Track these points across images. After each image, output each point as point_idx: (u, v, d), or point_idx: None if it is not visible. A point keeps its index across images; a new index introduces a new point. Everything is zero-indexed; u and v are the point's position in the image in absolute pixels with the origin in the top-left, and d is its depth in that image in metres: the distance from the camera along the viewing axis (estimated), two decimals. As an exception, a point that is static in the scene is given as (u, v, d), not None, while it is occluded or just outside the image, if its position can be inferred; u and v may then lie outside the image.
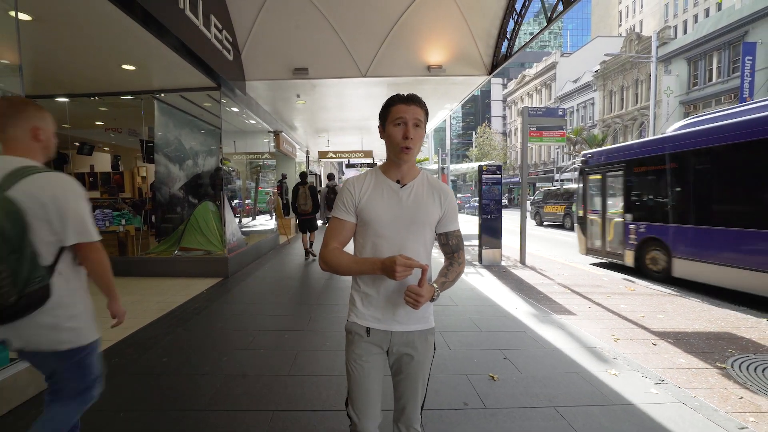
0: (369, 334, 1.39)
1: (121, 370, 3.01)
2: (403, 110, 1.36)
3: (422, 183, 1.44)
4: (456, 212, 1.47)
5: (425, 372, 1.45)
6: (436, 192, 1.43)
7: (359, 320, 1.42)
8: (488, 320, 4.33)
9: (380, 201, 1.39)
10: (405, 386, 1.44)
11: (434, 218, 1.42)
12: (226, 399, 2.60)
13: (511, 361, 3.24)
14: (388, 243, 1.36)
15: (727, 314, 4.69)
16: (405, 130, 1.35)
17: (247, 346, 3.52)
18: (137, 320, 4.20)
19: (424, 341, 1.43)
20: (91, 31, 4.32)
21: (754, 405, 2.61)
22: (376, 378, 1.42)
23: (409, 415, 1.45)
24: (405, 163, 1.40)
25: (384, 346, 1.41)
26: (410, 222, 1.38)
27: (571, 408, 2.54)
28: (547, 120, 8.09)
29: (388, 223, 1.37)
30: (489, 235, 7.99)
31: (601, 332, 4.02)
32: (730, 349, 3.61)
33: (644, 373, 3.05)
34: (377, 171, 1.46)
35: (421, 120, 1.38)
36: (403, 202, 1.39)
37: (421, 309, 1.39)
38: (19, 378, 2.48)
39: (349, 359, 1.44)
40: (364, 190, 1.41)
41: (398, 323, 1.39)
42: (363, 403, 1.39)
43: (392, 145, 1.38)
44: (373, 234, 1.38)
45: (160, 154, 7.11)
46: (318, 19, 6.64)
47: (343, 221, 1.42)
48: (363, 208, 1.39)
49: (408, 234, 1.38)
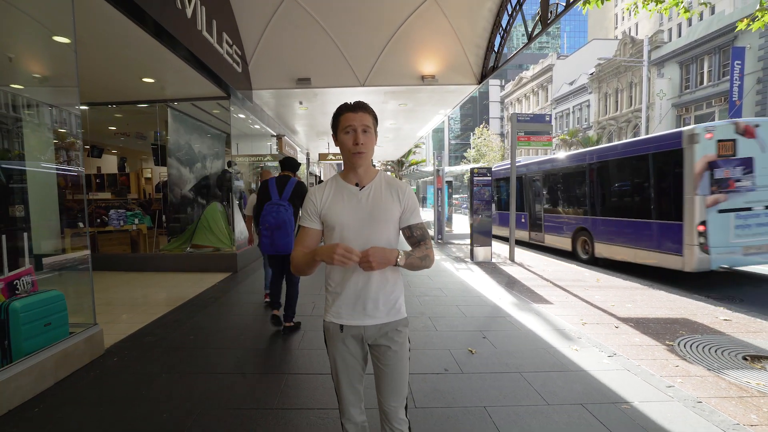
0: (343, 330, 1.48)
1: (156, 345, 3.54)
2: (351, 118, 1.43)
3: (380, 183, 1.52)
4: (416, 206, 1.55)
5: (403, 363, 1.51)
6: (394, 190, 1.51)
7: (333, 318, 1.49)
8: (473, 308, 4.86)
9: (341, 205, 1.47)
10: (387, 379, 1.50)
11: (395, 215, 1.50)
12: (247, 366, 3.13)
13: (489, 340, 3.77)
14: (353, 243, 1.42)
15: (688, 303, 5.21)
16: (355, 137, 1.43)
17: (260, 328, 4.05)
18: (160, 307, 4.73)
19: (397, 333, 1.49)
20: (119, 50, 4.85)
21: (685, 371, 3.14)
22: (356, 371, 1.51)
23: (394, 410, 1.50)
24: (360, 167, 1.48)
25: (359, 340, 1.49)
26: (371, 221, 1.46)
27: (533, 373, 3.07)
28: (535, 126, 8.63)
29: (350, 225, 1.45)
30: (480, 234, 8.52)
31: (572, 318, 4.54)
32: (682, 331, 4.13)
33: (601, 348, 3.58)
34: (337, 177, 1.55)
35: (370, 125, 1.45)
36: (363, 203, 1.47)
37: (392, 301, 1.49)
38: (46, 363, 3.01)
39: (329, 356, 1.54)
40: (326, 197, 1.50)
41: (369, 317, 1.46)
42: (347, 394, 1.51)
43: (345, 152, 1.47)
44: (338, 237, 1.46)
45: (173, 157, 7.64)
46: (320, 33, 7.18)
47: (308, 228, 1.52)
48: (326, 213, 1.48)
49: (371, 233, 1.45)
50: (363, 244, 1.40)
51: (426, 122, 12.12)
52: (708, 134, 6.23)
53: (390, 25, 7.19)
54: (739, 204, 6.29)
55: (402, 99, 8.83)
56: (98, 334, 3.25)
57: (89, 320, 3.25)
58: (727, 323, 4.37)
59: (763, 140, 6.29)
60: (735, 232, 6.26)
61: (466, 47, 7.46)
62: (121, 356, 3.28)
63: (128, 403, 2.57)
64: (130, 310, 4.69)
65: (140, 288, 5.78)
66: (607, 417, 2.44)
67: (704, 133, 6.23)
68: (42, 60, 3.87)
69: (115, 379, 2.89)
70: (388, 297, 1.48)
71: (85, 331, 3.12)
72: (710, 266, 6.23)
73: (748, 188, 6.26)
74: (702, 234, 6.18)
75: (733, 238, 6.27)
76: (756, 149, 6.29)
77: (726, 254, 6.26)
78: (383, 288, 1.47)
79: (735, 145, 6.25)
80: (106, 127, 9.17)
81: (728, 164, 6.22)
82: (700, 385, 2.90)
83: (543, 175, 10.44)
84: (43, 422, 2.35)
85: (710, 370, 3.15)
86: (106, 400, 2.59)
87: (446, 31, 7.17)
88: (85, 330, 3.12)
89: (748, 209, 6.31)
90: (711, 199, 6.21)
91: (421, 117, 11.15)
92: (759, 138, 6.28)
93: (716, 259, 6.21)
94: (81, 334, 3.04)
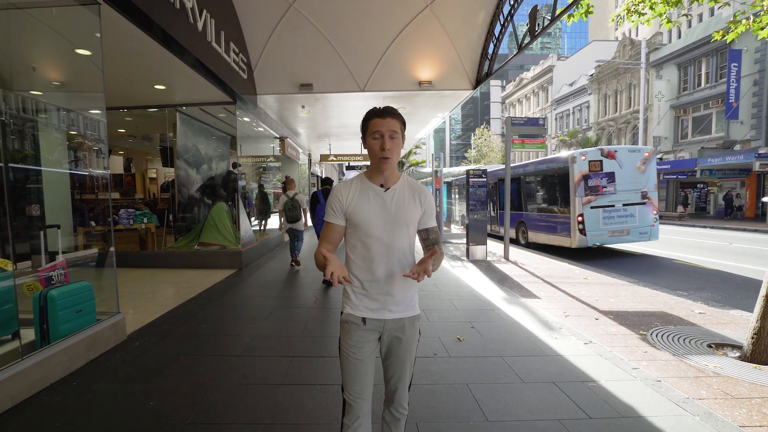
0: (365, 323, 1.54)
1: (172, 332, 3.89)
2: (378, 124, 1.48)
3: (404, 186, 1.59)
4: (434, 211, 1.64)
5: (412, 354, 1.62)
6: (417, 194, 1.58)
7: (355, 311, 1.55)
8: (465, 302, 5.19)
9: (367, 204, 1.53)
10: (395, 368, 1.59)
11: (416, 217, 1.58)
12: (256, 350, 3.48)
13: (477, 329, 4.10)
14: (376, 241, 1.50)
15: (669, 299, 5.52)
16: (382, 143, 1.48)
17: (266, 318, 4.39)
18: (172, 300, 5.08)
19: (412, 326, 1.60)
20: (135, 61, 5.20)
21: (652, 356, 3.46)
22: (370, 363, 1.57)
23: (400, 396, 1.63)
24: (386, 170, 1.54)
25: (378, 332, 1.57)
26: (395, 222, 1.52)
27: (514, 357, 3.40)
28: (529, 129, 8.95)
29: (375, 224, 1.51)
30: (476, 233, 8.84)
31: (556, 311, 4.87)
32: (657, 323, 4.44)
33: (579, 337, 3.90)
34: (362, 177, 1.60)
35: (397, 131, 1.50)
36: (388, 204, 1.53)
37: (409, 298, 1.59)
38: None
39: (344, 347, 1.57)
40: (351, 195, 1.55)
41: (390, 312, 1.55)
42: (359, 386, 1.55)
43: (373, 156, 1.53)
44: (363, 234, 1.53)
45: (181, 159, 7.99)
46: (321, 41, 7.53)
47: (333, 224, 1.58)
48: (351, 211, 1.54)
49: (393, 232, 1.52)
50: (386, 243, 1.52)
51: (424, 124, 12.46)
52: (583, 157, 9.18)
53: (388, 34, 7.53)
54: (605, 203, 9.17)
55: (400, 103, 9.18)
56: (121, 321, 3.60)
57: (113, 309, 3.60)
58: (701, 316, 4.68)
59: (620, 160, 9.22)
60: (603, 221, 9.15)
61: (462, 54, 7.80)
62: (142, 341, 3.63)
63: (153, 379, 2.92)
64: (144, 302, 5.04)
65: (152, 283, 6.13)
66: (574, 392, 2.77)
67: (580, 156, 9.19)
68: (68, 70, 4.23)
69: (139, 360, 3.24)
70: (407, 293, 1.58)
71: (109, 318, 3.46)
72: (587, 244, 9.12)
73: (611, 192, 9.19)
74: (581, 222, 9.08)
75: (602, 225, 9.16)
76: (616, 166, 9.21)
77: (597, 236, 9.14)
78: (403, 285, 1.56)
79: (602, 164, 9.16)
80: (116, 129, 9.54)
81: (597, 176, 9.18)
82: (663, 367, 3.23)
83: (498, 181, 12.83)
84: (82, 392, 2.71)
85: (675, 356, 3.47)
86: (133, 377, 2.95)
87: (442, 39, 7.51)
88: (109, 317, 3.47)
89: (612, 206, 9.20)
90: (586, 200, 9.10)
91: (419, 119, 11.50)
92: (618, 159, 9.23)
93: (591, 238, 9.10)
94: (106, 321, 3.39)
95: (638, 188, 9.33)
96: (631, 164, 9.28)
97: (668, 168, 22.54)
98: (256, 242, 8.54)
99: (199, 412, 2.47)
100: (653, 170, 9.47)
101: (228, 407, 2.54)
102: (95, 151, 3.84)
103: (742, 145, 21.01)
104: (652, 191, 9.43)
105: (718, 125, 22.86)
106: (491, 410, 2.54)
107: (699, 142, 23.19)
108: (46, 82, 4.50)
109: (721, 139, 22.14)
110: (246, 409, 2.52)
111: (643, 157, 9.37)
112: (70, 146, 4.19)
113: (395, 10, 7.17)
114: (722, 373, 3.11)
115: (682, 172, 22.07)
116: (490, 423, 2.41)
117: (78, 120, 4.30)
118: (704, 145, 22.64)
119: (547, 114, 39.95)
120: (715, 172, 20.70)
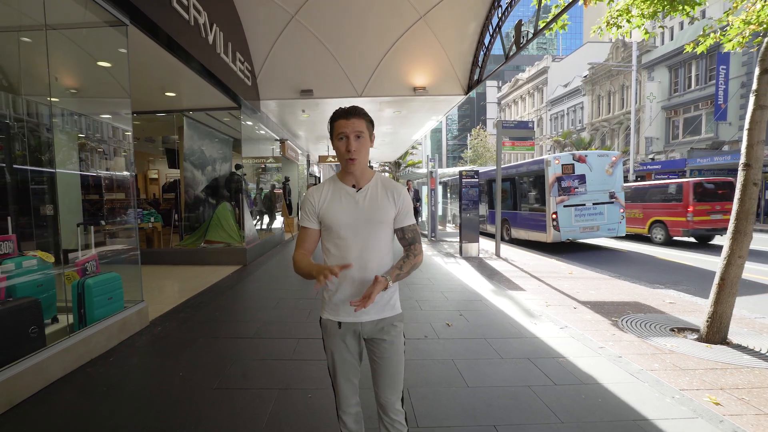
0: (341, 327, 1.52)
1: (189, 319, 4.30)
2: (343, 125, 1.44)
3: (376, 185, 1.54)
4: (410, 209, 1.58)
5: (400, 358, 1.56)
6: (390, 192, 1.53)
7: (331, 316, 1.54)
8: (455, 293, 5.63)
9: (339, 206, 1.50)
10: (383, 371, 1.54)
11: (390, 216, 1.53)
12: (266, 333, 3.90)
13: (464, 317, 4.53)
14: (350, 243, 1.47)
15: (644, 290, 5.95)
16: (347, 144, 1.44)
17: (274, 307, 4.81)
18: (184, 293, 5.49)
19: (393, 327, 1.55)
20: (150, 72, 5.61)
21: (617, 338, 3.90)
22: (353, 365, 1.56)
23: (391, 405, 1.54)
24: (355, 171, 1.50)
25: (357, 335, 1.54)
26: (368, 222, 1.48)
27: (495, 339, 3.83)
28: (518, 132, 9.41)
29: (347, 225, 1.48)
30: (468, 231, 9.28)
31: (539, 301, 5.30)
32: (629, 311, 4.88)
33: (556, 323, 4.34)
34: (335, 179, 1.57)
35: (363, 131, 1.46)
36: (360, 204, 1.50)
37: (386, 298, 1.53)
38: (131, 318, 3.77)
39: (326, 351, 1.58)
40: (323, 197, 1.53)
41: (365, 314, 1.50)
42: (343, 388, 1.56)
43: (340, 157, 1.49)
44: (336, 236, 1.49)
45: (187, 161, 8.39)
46: (321, 49, 7.97)
47: (308, 229, 1.56)
48: (324, 214, 1.51)
49: (367, 233, 1.49)
50: (360, 244, 1.48)
51: (420, 127, 12.90)
52: (556, 160, 10.09)
53: (385, 43, 7.97)
54: (577, 202, 10.05)
55: (396, 107, 9.63)
56: (145, 308, 4.01)
57: (137, 297, 4.01)
58: (671, 305, 5.12)
59: (590, 164, 10.14)
60: (574, 218, 10.03)
61: (454, 62, 8.24)
62: (164, 326, 4.05)
63: (178, 354, 3.35)
64: (159, 294, 5.45)
65: (163, 278, 6.54)
66: (545, 366, 3.21)
67: (554, 160, 10.11)
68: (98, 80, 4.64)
69: (164, 341, 3.66)
70: (384, 295, 1.51)
71: (135, 305, 3.88)
72: (561, 239, 10.03)
73: (582, 193, 10.06)
74: (555, 219, 9.96)
75: (574, 222, 10.04)
76: (587, 169, 10.11)
77: (570, 231, 10.03)
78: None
79: (574, 167, 10.06)
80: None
81: (569, 178, 10.02)
82: (626, 347, 3.66)
83: (486, 181, 13.60)
84: (120, 365, 3.14)
85: (639, 337, 3.91)
86: (161, 353, 3.37)
87: (435, 48, 7.95)
88: (135, 305, 3.88)
89: (582, 205, 10.08)
90: (559, 199, 9.96)
91: (414, 123, 11.95)
92: (588, 163, 10.15)
93: (564, 234, 10.00)
94: (133, 308, 3.81)
95: (607, 189, 10.26)
96: (600, 167, 10.20)
97: (659, 168, 23.08)
98: (259, 240, 8.95)
99: (223, 380, 2.90)
100: (620, 173, 10.48)
101: (247, 377, 2.97)
102: (123, 156, 4.25)
103: (730, 145, 21.56)
104: (619, 192, 10.38)
105: (707, 126, 23.42)
106: (472, 379, 2.97)
107: (689, 143, 23.74)
108: (81, 94, 4.91)
109: (711, 139, 22.70)
110: (262, 377, 2.95)
111: (611, 161, 10.37)
112: (102, 155, 4.63)
113: (391, 21, 7.60)
114: (677, 351, 3.55)
115: (673, 172, 22.59)
116: (470, 389, 2.83)
117: (101, 128, 4.69)
118: (694, 145, 23.19)
119: (542, 115, 40.48)
120: (704, 172, 21.25)
